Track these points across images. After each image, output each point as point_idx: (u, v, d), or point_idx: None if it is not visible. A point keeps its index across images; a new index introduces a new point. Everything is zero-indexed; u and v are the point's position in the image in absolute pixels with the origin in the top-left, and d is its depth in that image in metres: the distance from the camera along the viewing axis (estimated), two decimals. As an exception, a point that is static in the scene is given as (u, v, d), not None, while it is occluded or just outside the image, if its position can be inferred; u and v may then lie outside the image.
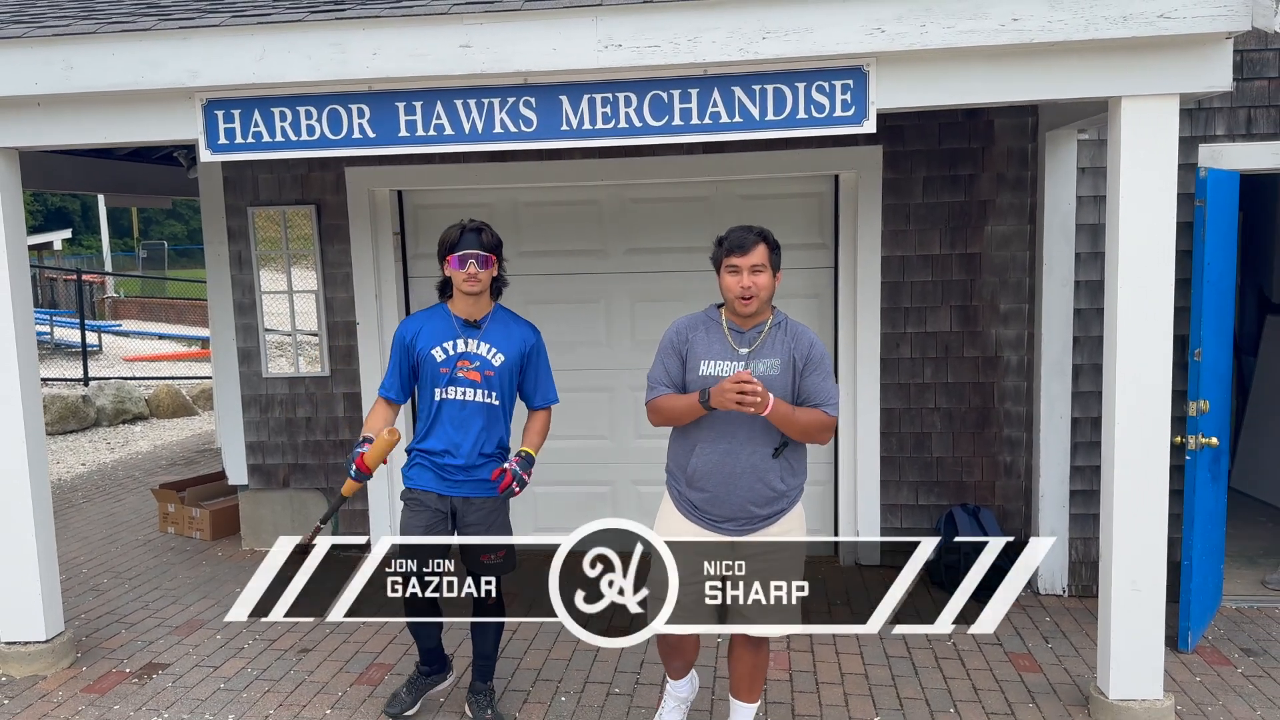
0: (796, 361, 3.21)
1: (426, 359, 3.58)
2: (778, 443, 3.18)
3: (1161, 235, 3.62)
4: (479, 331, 3.61)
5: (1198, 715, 3.91)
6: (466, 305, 3.60)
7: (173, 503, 6.47)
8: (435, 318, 3.65)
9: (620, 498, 5.90)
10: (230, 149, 3.94)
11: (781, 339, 3.24)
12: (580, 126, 3.78)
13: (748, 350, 3.21)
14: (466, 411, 3.56)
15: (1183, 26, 3.39)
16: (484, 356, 3.58)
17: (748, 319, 3.24)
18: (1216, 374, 4.47)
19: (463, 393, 3.56)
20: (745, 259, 3.15)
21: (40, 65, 3.88)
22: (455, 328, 3.59)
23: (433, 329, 3.61)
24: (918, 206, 5.29)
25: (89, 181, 7.36)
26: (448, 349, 3.57)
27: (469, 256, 3.50)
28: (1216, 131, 4.83)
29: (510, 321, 3.70)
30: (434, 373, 3.57)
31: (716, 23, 3.54)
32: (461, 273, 3.51)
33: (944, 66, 3.59)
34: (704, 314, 3.38)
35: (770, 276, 3.21)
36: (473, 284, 3.53)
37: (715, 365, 3.21)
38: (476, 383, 3.56)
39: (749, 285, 3.15)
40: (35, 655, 4.32)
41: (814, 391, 3.20)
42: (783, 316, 3.32)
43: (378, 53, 3.69)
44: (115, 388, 11.30)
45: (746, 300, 3.16)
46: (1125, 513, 3.73)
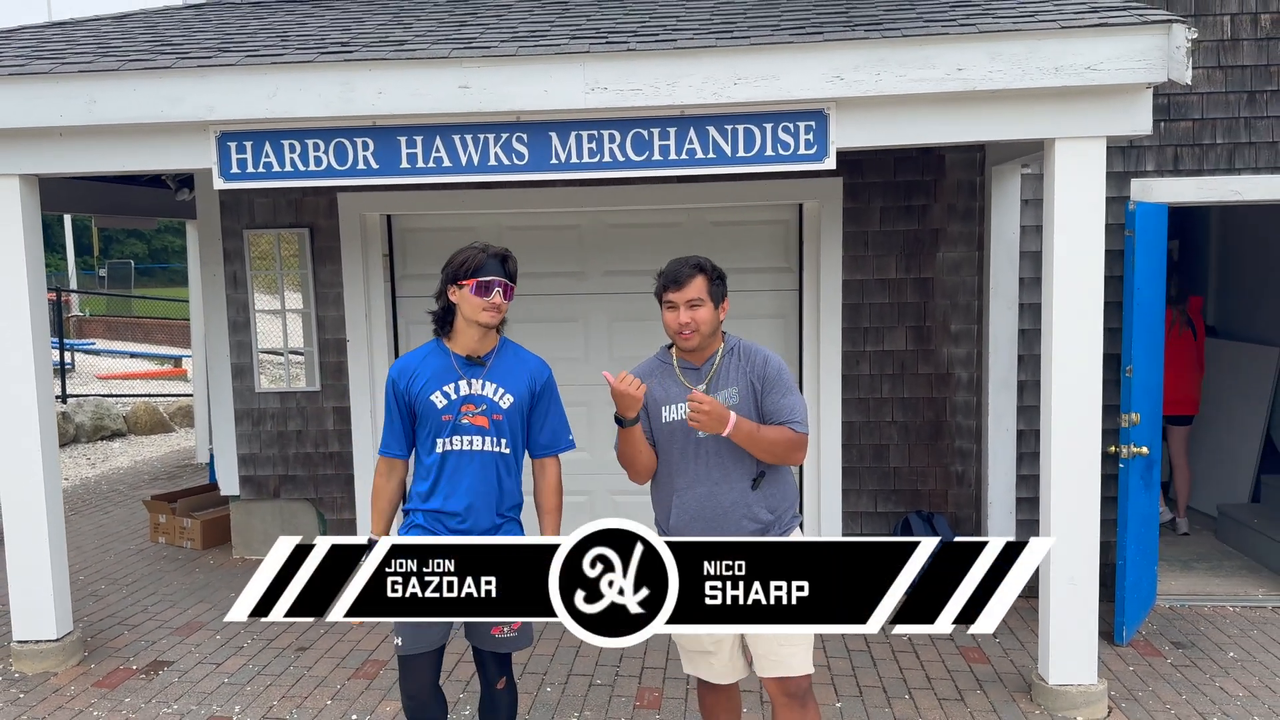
0: (754, 384, 3.09)
1: (426, 406, 3.14)
2: (755, 473, 3.07)
3: (1091, 261, 4.02)
4: (483, 370, 3.17)
5: (1130, 699, 4.30)
6: (472, 340, 3.16)
7: (164, 513, 6.70)
8: (432, 357, 3.20)
9: (598, 507, 6.22)
10: (242, 178, 4.25)
11: (735, 365, 3.13)
12: (568, 160, 4.13)
13: (703, 386, 3.09)
14: (476, 464, 3.13)
15: (1107, 77, 3.82)
16: (490, 399, 3.15)
17: (696, 353, 3.12)
18: (1147, 389, 4.89)
19: (469, 442, 3.12)
20: (680, 293, 3.03)
21: (64, 99, 4.17)
22: (456, 367, 3.16)
23: (430, 371, 3.17)
24: (876, 234, 5.69)
25: (83, 203, 7.61)
26: (449, 393, 3.13)
27: (495, 284, 3.09)
28: (1147, 167, 5.27)
29: (517, 356, 3.29)
30: (435, 421, 3.13)
31: (692, 69, 3.92)
32: (484, 301, 3.08)
33: (897, 110, 3.98)
34: (656, 359, 3.25)
35: (712, 309, 3.07)
36: (494, 315, 3.13)
37: (676, 409, 3.07)
38: (484, 429, 3.13)
39: (687, 321, 3.03)
40: (47, 653, 4.57)
41: (776, 410, 3.07)
42: (735, 341, 3.19)
43: (383, 92, 4.03)
44: (94, 404, 11.45)
45: (686, 336, 3.04)
46: (1061, 515, 4.11)
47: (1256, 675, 4.52)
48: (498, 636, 3.10)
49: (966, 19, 3.99)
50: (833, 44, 3.86)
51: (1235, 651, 4.79)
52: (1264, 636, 4.98)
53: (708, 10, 4.63)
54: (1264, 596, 5.52)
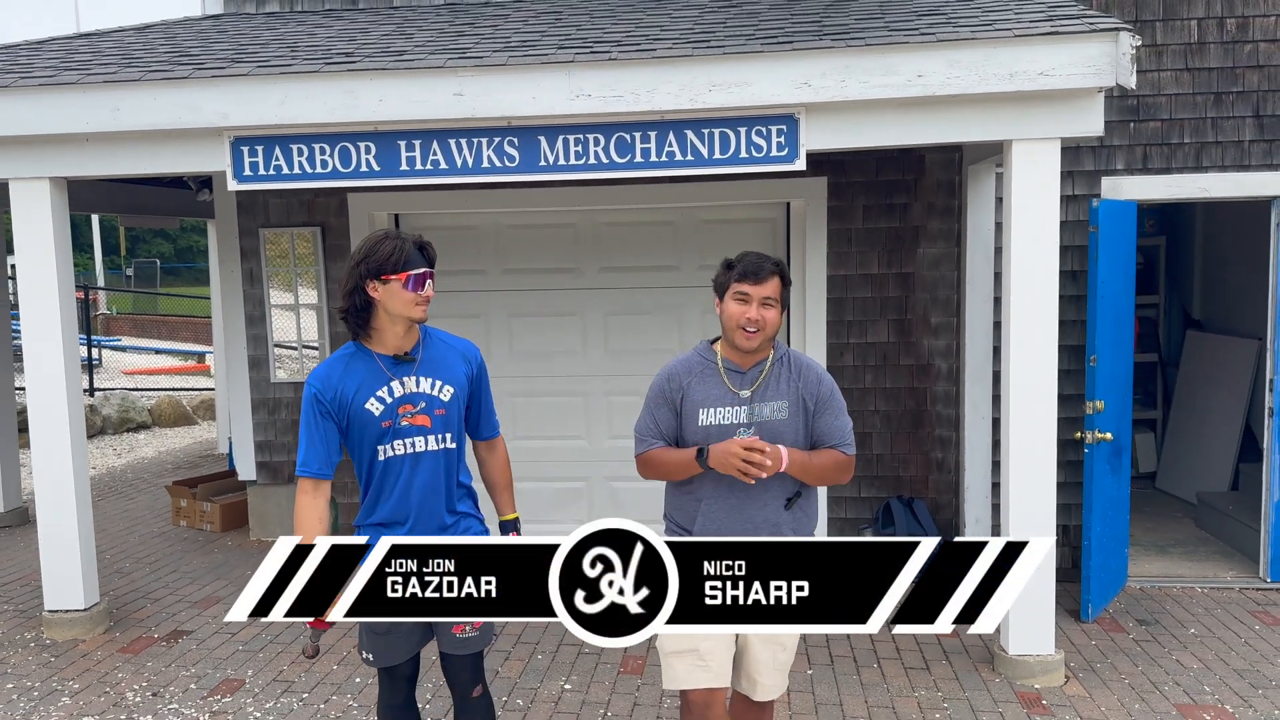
0: (806, 402, 2.95)
1: (361, 416, 2.90)
2: (791, 492, 2.94)
3: (1047, 254, 4.27)
4: (413, 366, 2.96)
5: (1087, 670, 4.54)
6: (397, 337, 2.93)
7: (185, 498, 7.06)
8: (356, 362, 2.94)
9: (595, 492, 6.51)
10: (254, 179, 4.57)
11: (786, 377, 2.96)
12: (556, 162, 4.42)
13: (749, 392, 2.92)
14: (422, 466, 2.94)
15: (1059, 82, 4.07)
16: (429, 394, 2.95)
17: (747, 356, 2.95)
18: (1112, 378, 5.12)
19: (411, 444, 2.93)
20: (759, 288, 2.86)
21: (91, 108, 4.50)
22: (384, 369, 2.93)
23: (358, 378, 2.91)
24: (859, 231, 5.95)
25: (108, 203, 7.97)
26: (383, 398, 2.91)
27: (427, 276, 2.90)
28: (1117, 166, 5.51)
29: (445, 344, 3.07)
30: (374, 430, 2.91)
31: (670, 77, 4.20)
32: (417, 295, 2.88)
33: (863, 114, 4.25)
34: (697, 354, 3.05)
35: (779, 313, 2.93)
36: (424, 309, 2.92)
37: (716, 413, 2.92)
38: (427, 428, 2.94)
39: (757, 319, 2.86)
40: (75, 621, 4.91)
41: (829, 432, 2.96)
42: (785, 350, 3.03)
43: (383, 99, 4.34)
44: (120, 398, 11.86)
45: (751, 334, 2.87)
46: (1020, 495, 4.37)
47: (1213, 650, 4.75)
48: (459, 636, 2.97)
49: (929, 28, 4.25)
50: (801, 53, 4.13)
51: (1196, 628, 5.02)
52: (1226, 615, 5.20)
53: (691, 20, 4.91)
54: (1232, 579, 5.73)
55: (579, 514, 6.43)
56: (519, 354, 6.40)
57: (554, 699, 4.30)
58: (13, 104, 4.50)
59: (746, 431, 2.90)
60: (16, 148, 4.63)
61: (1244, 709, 4.15)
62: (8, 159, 4.66)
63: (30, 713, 4.19)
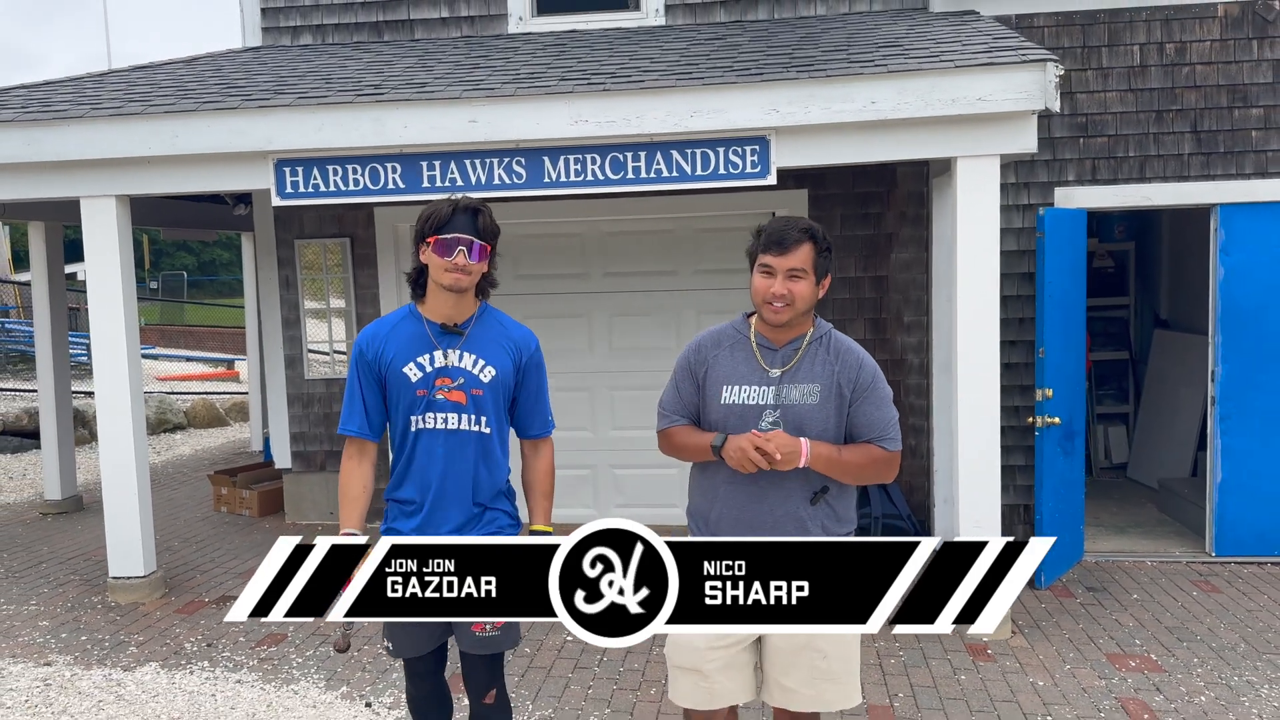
0: (843, 388, 2.70)
1: (398, 379, 2.82)
2: (818, 485, 2.71)
3: (989, 256, 4.84)
4: (460, 339, 2.85)
5: (1033, 627, 5.10)
6: (446, 305, 2.83)
7: (225, 486, 7.71)
8: (405, 324, 2.88)
9: (600, 479, 7.12)
10: (295, 196, 5.21)
11: (823, 359, 2.72)
12: (559, 179, 5.04)
13: (780, 372, 2.71)
14: (451, 445, 2.83)
15: (996, 106, 4.65)
16: (468, 372, 2.84)
17: (780, 332, 2.73)
18: (1061, 368, 5.68)
19: (443, 420, 2.83)
20: (783, 259, 2.64)
21: (153, 134, 5.15)
22: (430, 336, 2.84)
23: (402, 340, 2.85)
24: (837, 238, 6.51)
25: (155, 218, 8.65)
26: (423, 364, 2.82)
27: (459, 242, 2.72)
28: (1069, 177, 6.08)
29: (501, 325, 2.95)
30: (409, 396, 2.82)
31: (657, 105, 4.82)
32: (446, 261, 2.73)
33: (825, 136, 4.85)
34: (730, 326, 2.84)
35: (813, 284, 2.67)
36: (458, 278, 2.75)
37: (740, 391, 2.72)
38: (462, 405, 2.82)
39: (782, 293, 2.64)
40: (136, 586, 5.56)
41: (868, 424, 2.70)
42: (826, 329, 2.80)
43: (407, 126, 4.97)
44: (158, 401, 12.57)
45: (777, 310, 2.66)
46: (968, 469, 4.94)
47: (1150, 611, 5.30)
48: (479, 635, 2.84)
49: (883, 59, 4.84)
50: (769, 83, 4.74)
51: (1139, 594, 5.57)
52: (1169, 584, 5.74)
53: (679, 53, 5.53)
54: (1181, 554, 6.27)
55: (585, 499, 7.05)
56: (530, 352, 7.02)
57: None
58: (87, 132, 5.16)
59: (771, 414, 2.69)
60: (88, 169, 5.29)
61: (1166, 657, 4.70)
62: (81, 179, 5.32)
63: (105, 657, 4.83)
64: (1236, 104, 5.93)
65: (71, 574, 6.21)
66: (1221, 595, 5.51)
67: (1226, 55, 5.92)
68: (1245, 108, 5.92)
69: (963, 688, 4.41)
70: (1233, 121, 5.93)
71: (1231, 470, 6.07)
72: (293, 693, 4.43)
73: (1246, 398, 6.04)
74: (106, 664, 4.77)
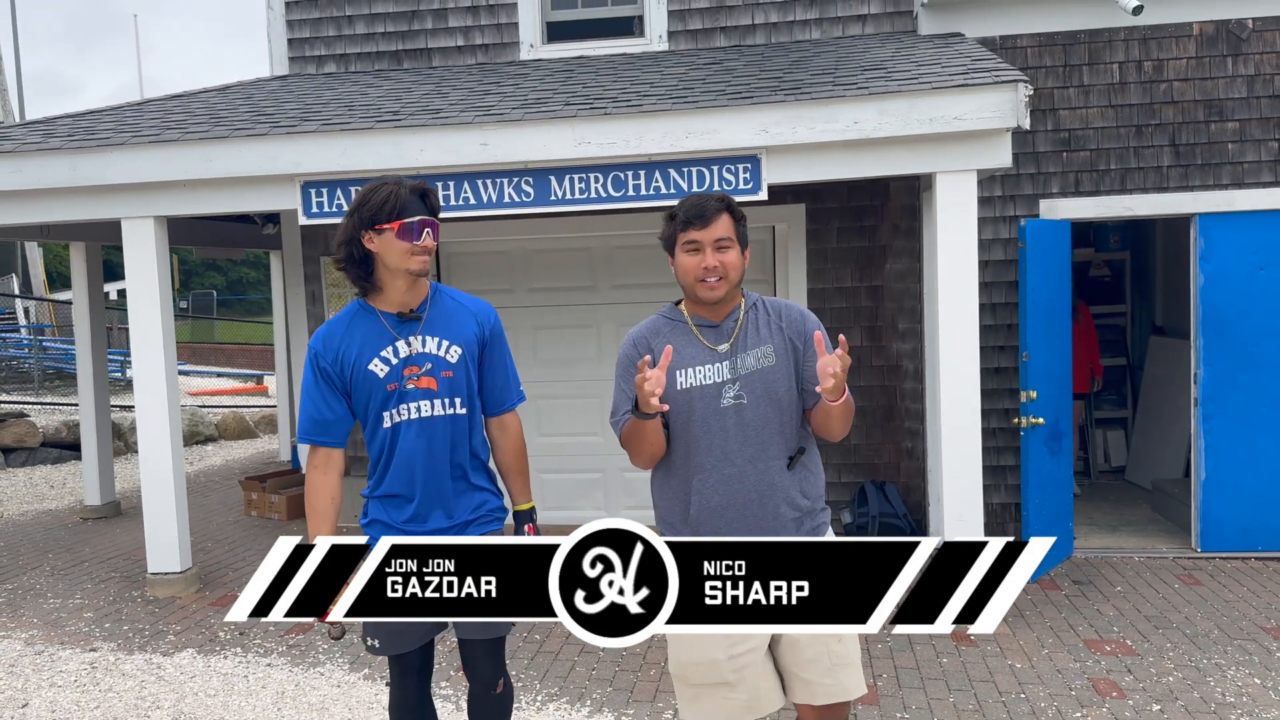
0: (794, 342, 2.69)
1: (365, 378, 2.77)
2: (793, 449, 2.69)
3: (968, 266, 5.16)
4: (419, 324, 2.81)
5: (1018, 617, 5.37)
6: (401, 292, 2.79)
7: (255, 491, 8.11)
8: (358, 321, 2.82)
9: (610, 483, 7.45)
10: (320, 215, 5.59)
11: (765, 320, 2.71)
12: (564, 197, 5.40)
13: (727, 345, 2.67)
14: (429, 434, 2.79)
15: (972, 125, 4.97)
16: (435, 355, 2.80)
17: (716, 309, 2.69)
18: (1046, 371, 5.96)
19: (418, 409, 2.78)
20: (706, 231, 2.60)
21: (189, 159, 5.56)
22: (388, 327, 2.79)
23: (359, 337, 2.79)
24: (834, 250, 6.86)
25: (188, 237, 9.09)
26: (388, 358, 2.77)
27: (425, 224, 2.73)
28: (1053, 190, 6.37)
29: (456, 301, 2.92)
30: (380, 394, 2.77)
31: (654, 127, 5.17)
32: (414, 245, 2.71)
33: (812, 154, 5.18)
34: (662, 317, 2.80)
35: (739, 254, 2.65)
36: (424, 260, 2.74)
37: (695, 374, 2.67)
38: (434, 391, 2.79)
39: (714, 265, 2.60)
40: (173, 581, 5.94)
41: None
42: (755, 296, 2.79)
43: (423, 149, 5.35)
44: (190, 414, 13.03)
45: (712, 286, 2.61)
46: (951, 466, 5.24)
47: (1131, 602, 5.56)
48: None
49: (866, 82, 5.18)
50: (759, 105, 5.08)
51: (1123, 587, 5.83)
52: (1154, 578, 5.99)
53: (677, 77, 5.89)
54: (1168, 550, 6.51)
55: (596, 501, 7.38)
56: (543, 361, 7.38)
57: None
58: (129, 157, 5.57)
59: (732, 388, 2.65)
60: (130, 193, 5.70)
61: (1141, 642, 4.96)
62: (122, 202, 5.73)
63: (145, 644, 5.21)
64: (1213, 118, 6.21)
65: (112, 571, 6.61)
66: (1202, 588, 5.76)
67: (1203, 72, 6.21)
68: (1221, 121, 6.20)
69: (943, 669, 4.70)
70: (1210, 135, 6.21)
71: (1215, 468, 6.32)
72: (319, 674, 4.78)
73: (1227, 398, 6.29)
74: (147, 650, 5.14)
